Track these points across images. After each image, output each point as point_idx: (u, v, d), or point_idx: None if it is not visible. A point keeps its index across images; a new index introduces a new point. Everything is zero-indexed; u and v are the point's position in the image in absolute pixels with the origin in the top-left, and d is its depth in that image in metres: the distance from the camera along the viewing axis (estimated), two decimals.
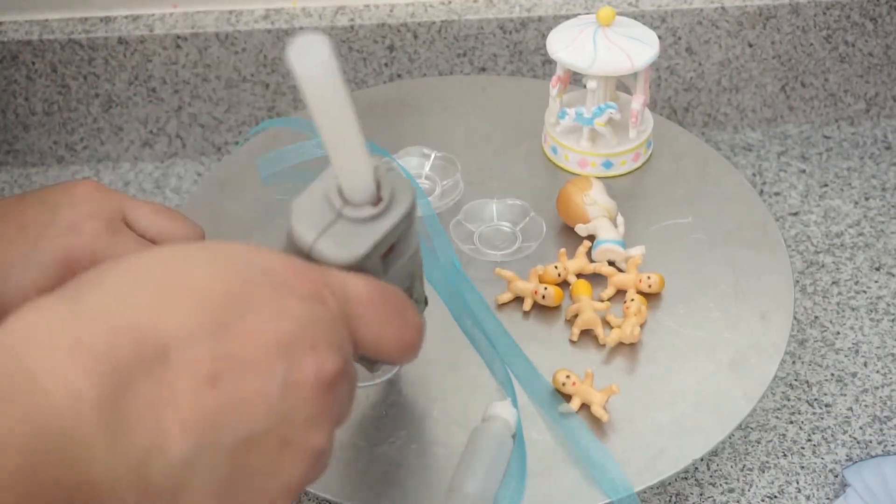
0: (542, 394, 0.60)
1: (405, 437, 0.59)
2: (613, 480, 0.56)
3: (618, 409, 0.60)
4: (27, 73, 0.86)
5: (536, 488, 0.57)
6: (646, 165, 0.75)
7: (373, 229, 0.44)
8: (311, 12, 0.86)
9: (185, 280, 0.39)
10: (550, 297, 0.64)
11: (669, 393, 0.61)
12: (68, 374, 0.35)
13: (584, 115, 0.72)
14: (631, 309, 0.63)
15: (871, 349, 0.74)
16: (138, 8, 0.86)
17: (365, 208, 0.44)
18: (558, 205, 0.69)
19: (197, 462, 0.37)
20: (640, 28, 0.72)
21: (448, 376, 0.62)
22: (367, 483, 0.57)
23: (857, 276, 0.79)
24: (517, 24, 0.86)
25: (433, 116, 0.80)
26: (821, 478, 0.67)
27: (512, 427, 0.57)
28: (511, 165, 0.75)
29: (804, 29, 0.87)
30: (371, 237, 0.44)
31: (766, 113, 0.92)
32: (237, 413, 0.38)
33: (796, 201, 0.86)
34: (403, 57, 0.87)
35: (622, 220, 0.68)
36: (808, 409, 0.71)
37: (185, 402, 0.37)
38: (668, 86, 0.89)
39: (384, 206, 0.44)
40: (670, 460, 0.58)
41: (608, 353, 0.63)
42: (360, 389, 0.61)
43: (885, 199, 0.86)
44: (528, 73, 0.88)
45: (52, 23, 0.85)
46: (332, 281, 0.42)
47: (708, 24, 0.86)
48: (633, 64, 0.69)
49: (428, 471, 0.57)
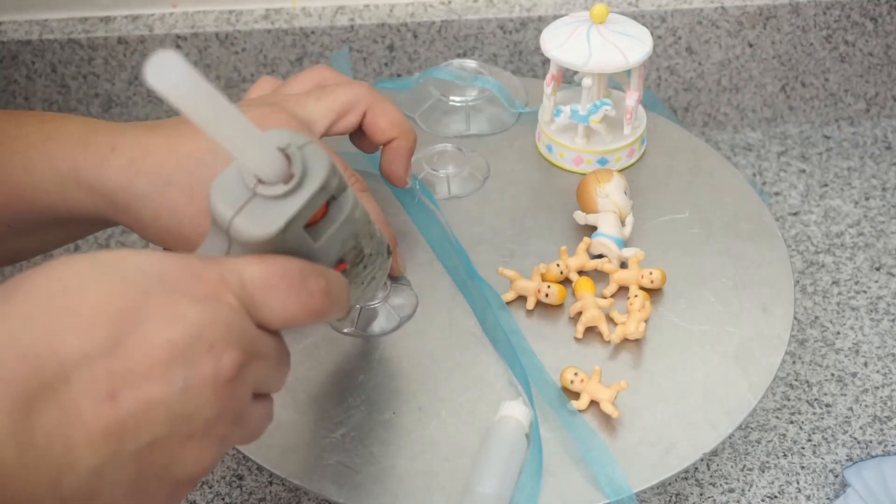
0: (549, 392, 0.60)
1: (414, 439, 0.59)
2: (614, 480, 0.56)
3: (626, 404, 0.60)
4: (27, 73, 0.85)
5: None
6: (640, 162, 0.75)
7: (286, 205, 0.45)
8: (311, 12, 0.86)
9: (81, 299, 0.41)
10: (554, 296, 0.64)
11: (676, 387, 0.61)
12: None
13: (580, 112, 0.72)
14: (635, 305, 0.63)
15: (871, 349, 0.74)
16: (138, 8, 0.86)
17: (277, 186, 0.45)
18: (577, 192, 0.70)
19: (105, 471, 0.40)
20: (634, 25, 0.72)
21: (455, 376, 0.62)
22: (377, 485, 0.57)
23: (857, 276, 0.79)
24: (517, 23, 0.86)
25: None
26: (821, 478, 0.67)
27: (526, 426, 0.57)
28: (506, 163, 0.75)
29: (804, 29, 0.88)
30: (285, 213, 0.45)
31: (766, 113, 0.92)
32: (138, 422, 0.41)
33: (796, 201, 0.86)
34: (403, 57, 0.87)
35: (632, 220, 0.68)
36: (808, 409, 0.71)
37: (88, 419, 0.40)
38: (668, 86, 0.90)
39: (295, 182, 0.45)
40: (681, 454, 0.58)
41: (613, 349, 0.63)
42: (361, 391, 0.61)
43: (885, 199, 0.86)
44: (528, 73, 0.88)
45: (52, 23, 0.85)
46: (228, 274, 0.44)
47: (708, 24, 0.87)
48: (628, 60, 0.70)
49: (437, 471, 0.57)
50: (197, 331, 0.42)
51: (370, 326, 0.64)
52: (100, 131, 0.59)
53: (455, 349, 0.63)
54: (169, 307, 0.42)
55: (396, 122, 0.64)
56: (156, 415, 0.41)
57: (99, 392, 0.40)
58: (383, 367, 0.62)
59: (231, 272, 0.44)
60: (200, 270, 0.44)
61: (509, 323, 0.64)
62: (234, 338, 0.43)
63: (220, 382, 0.42)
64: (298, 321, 0.46)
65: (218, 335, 0.42)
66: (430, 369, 0.62)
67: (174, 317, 0.41)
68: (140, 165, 0.57)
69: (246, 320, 0.44)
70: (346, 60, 0.82)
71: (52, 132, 0.59)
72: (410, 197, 0.71)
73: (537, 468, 0.57)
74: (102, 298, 0.41)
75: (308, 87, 0.64)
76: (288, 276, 0.45)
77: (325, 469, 0.57)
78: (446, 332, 0.64)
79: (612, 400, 0.59)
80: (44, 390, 0.39)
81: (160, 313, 0.41)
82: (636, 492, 0.56)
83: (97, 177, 0.57)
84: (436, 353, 0.63)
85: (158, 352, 0.41)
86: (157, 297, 0.42)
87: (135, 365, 0.40)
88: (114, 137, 0.58)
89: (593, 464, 0.57)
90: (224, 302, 0.43)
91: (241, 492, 0.66)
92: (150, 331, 0.41)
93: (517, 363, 0.61)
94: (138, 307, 0.41)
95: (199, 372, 0.42)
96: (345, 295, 0.49)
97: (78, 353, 0.40)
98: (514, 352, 0.62)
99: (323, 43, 0.86)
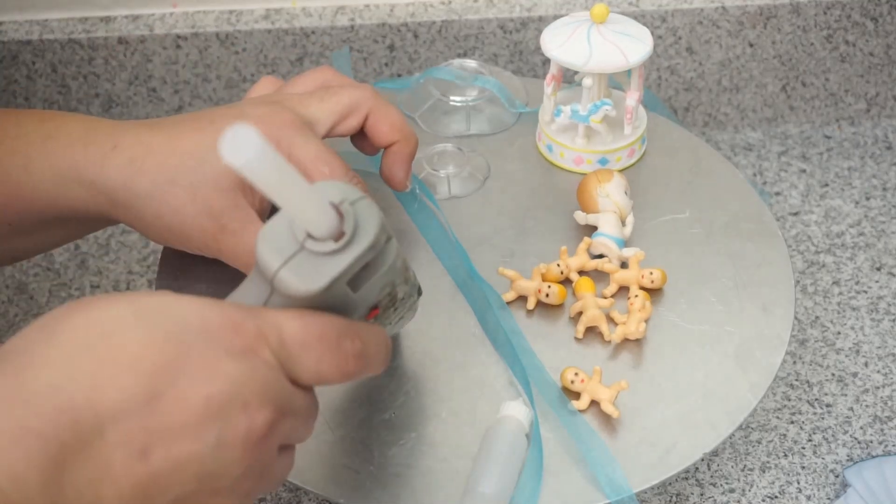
0: (549, 392, 0.60)
1: (414, 439, 0.59)
2: (614, 480, 0.56)
3: (626, 404, 0.60)
4: (27, 72, 0.85)
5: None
6: (640, 162, 0.75)
7: (334, 263, 0.45)
8: (311, 12, 0.86)
9: (121, 350, 0.41)
10: (554, 296, 0.64)
11: (677, 387, 0.61)
12: (12, 461, 0.38)
13: (580, 112, 0.72)
14: (635, 305, 0.63)
15: (871, 349, 0.74)
16: (138, 8, 0.86)
17: (326, 243, 0.45)
18: (578, 192, 0.70)
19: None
20: (634, 25, 0.72)
21: (456, 376, 0.62)
22: (377, 485, 0.57)
23: (857, 276, 0.79)
24: (517, 23, 0.86)
25: None
26: (821, 478, 0.67)
27: (526, 426, 0.57)
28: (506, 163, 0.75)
29: (805, 29, 0.88)
30: (332, 271, 0.45)
31: (766, 113, 0.92)
32: (168, 479, 0.41)
33: (797, 201, 0.86)
34: (403, 57, 0.87)
35: (632, 220, 0.68)
36: (808, 409, 0.71)
37: (120, 475, 0.40)
38: (669, 86, 0.90)
39: (346, 241, 0.45)
40: (681, 454, 0.58)
41: (613, 349, 0.63)
42: (361, 391, 0.61)
43: (885, 199, 0.86)
44: (529, 73, 0.88)
45: (52, 23, 0.85)
46: (267, 329, 0.44)
47: (708, 24, 0.87)
48: (628, 60, 0.70)
49: (437, 472, 0.57)
50: (234, 388, 0.42)
51: None
52: (100, 129, 0.59)
53: (455, 349, 0.63)
54: (208, 362, 0.41)
55: (398, 126, 0.64)
56: (186, 472, 0.41)
57: (133, 448, 0.40)
58: None
59: (270, 327, 0.44)
60: (240, 322, 0.43)
61: (509, 323, 0.64)
62: (268, 396, 0.43)
63: (252, 441, 0.42)
64: (331, 381, 0.46)
65: (254, 393, 0.42)
66: (430, 369, 0.62)
67: (213, 373, 0.41)
68: (142, 164, 0.57)
69: (281, 378, 0.44)
70: (346, 60, 0.82)
71: (52, 131, 0.59)
72: (411, 197, 0.71)
73: (537, 468, 0.57)
74: (142, 350, 0.41)
75: (311, 87, 0.64)
76: (325, 337, 0.45)
77: (325, 469, 0.57)
78: (446, 332, 0.64)
79: (613, 400, 0.59)
80: (79, 444, 0.39)
81: (199, 368, 0.41)
82: (636, 492, 0.56)
83: (98, 175, 0.57)
84: (436, 354, 0.63)
85: (195, 408, 0.41)
86: (196, 350, 0.41)
87: (170, 421, 0.40)
88: (115, 135, 0.58)
89: (593, 464, 0.57)
90: (261, 358, 0.43)
91: None
92: (188, 386, 0.41)
93: (517, 363, 0.61)
94: (177, 361, 0.41)
95: (233, 430, 0.42)
96: (382, 356, 0.48)
97: (115, 407, 0.40)
98: (514, 352, 0.62)
99: (323, 43, 0.86)
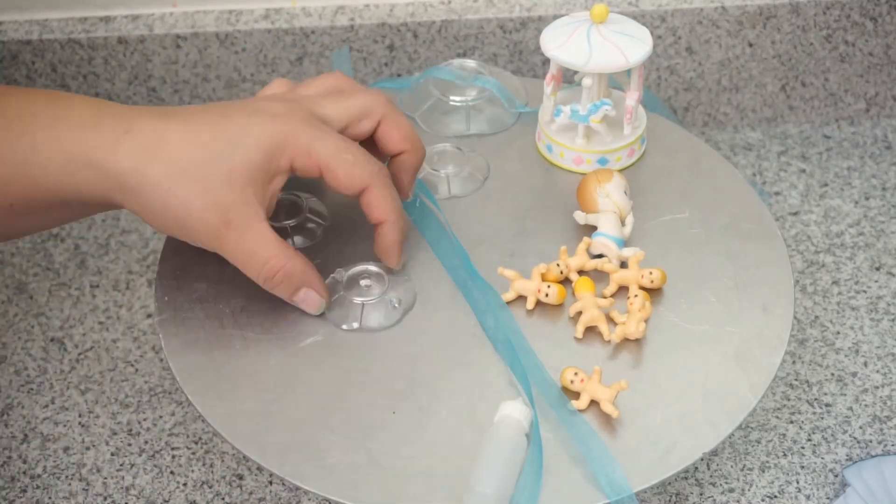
0: (549, 392, 0.60)
1: (414, 439, 0.59)
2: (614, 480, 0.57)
3: (626, 404, 0.60)
4: (27, 72, 0.86)
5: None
6: (640, 161, 0.75)
7: None
8: (311, 12, 0.86)
9: None
10: (554, 296, 0.64)
11: (677, 387, 0.61)
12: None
13: (580, 112, 0.72)
14: (635, 305, 0.63)
15: (871, 349, 0.74)
16: (138, 8, 0.86)
17: None
18: (577, 192, 0.70)
19: None
20: (634, 25, 0.72)
21: (455, 376, 0.62)
22: (378, 485, 0.57)
23: (857, 276, 0.79)
24: (517, 23, 0.86)
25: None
26: (821, 478, 0.67)
27: (526, 426, 0.57)
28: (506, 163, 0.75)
29: (804, 28, 0.88)
30: None
31: (766, 113, 0.92)
32: None
33: (796, 201, 0.86)
34: (403, 57, 0.87)
35: (632, 220, 0.68)
36: (808, 409, 0.71)
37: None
38: (668, 86, 0.90)
39: None
40: (681, 454, 0.58)
41: (613, 349, 0.63)
42: (361, 391, 0.61)
43: (885, 199, 0.86)
44: (528, 73, 0.88)
45: (51, 22, 0.85)
46: None
47: (708, 24, 0.87)
48: (628, 60, 0.70)
49: (437, 472, 0.57)
50: None
51: (369, 321, 0.64)
52: (110, 113, 0.59)
53: (455, 349, 0.63)
54: None
55: (408, 135, 0.65)
56: None
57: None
58: (383, 366, 0.62)
59: None
60: None
61: (509, 323, 0.64)
62: None
63: None
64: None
65: None
66: (430, 369, 0.62)
67: None
68: (155, 152, 0.57)
69: None
70: (346, 60, 0.82)
71: (60, 112, 0.58)
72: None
73: (537, 468, 0.57)
74: None
75: (323, 91, 0.65)
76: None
77: (325, 469, 0.57)
78: (446, 332, 0.64)
79: (612, 400, 0.59)
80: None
81: None
82: (636, 492, 0.56)
83: (109, 159, 0.57)
84: (436, 353, 0.63)
85: None
86: None
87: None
88: (127, 120, 0.58)
89: (593, 464, 0.57)
90: None
91: (241, 492, 0.66)
92: None
93: (517, 363, 0.61)
94: None
95: None
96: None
97: None
98: (514, 351, 0.62)
99: (323, 43, 0.86)
